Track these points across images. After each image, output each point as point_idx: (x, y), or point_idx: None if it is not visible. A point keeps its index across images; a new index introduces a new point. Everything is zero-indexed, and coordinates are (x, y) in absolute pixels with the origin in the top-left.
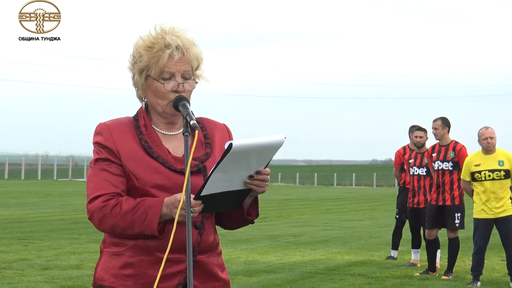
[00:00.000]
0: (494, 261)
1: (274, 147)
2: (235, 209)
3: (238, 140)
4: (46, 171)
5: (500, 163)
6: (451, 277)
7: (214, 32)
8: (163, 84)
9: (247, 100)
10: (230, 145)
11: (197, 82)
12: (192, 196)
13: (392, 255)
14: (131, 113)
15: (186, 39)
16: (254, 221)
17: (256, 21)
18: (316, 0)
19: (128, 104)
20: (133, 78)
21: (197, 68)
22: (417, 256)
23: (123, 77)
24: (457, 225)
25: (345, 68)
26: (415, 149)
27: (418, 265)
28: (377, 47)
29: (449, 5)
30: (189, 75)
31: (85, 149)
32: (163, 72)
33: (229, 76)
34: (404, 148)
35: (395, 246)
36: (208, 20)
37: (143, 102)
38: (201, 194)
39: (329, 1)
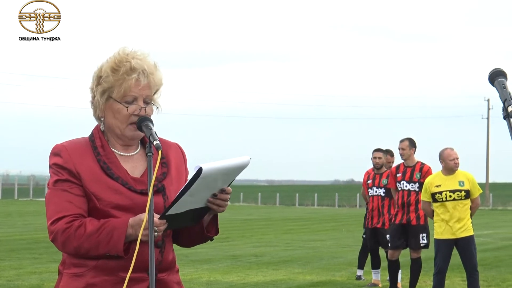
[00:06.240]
0: (455, 281)
1: (240, 168)
2: (195, 224)
3: (207, 164)
4: (7, 191)
5: (461, 183)
6: None
7: (176, 52)
8: (127, 107)
9: (207, 119)
10: (200, 169)
11: (157, 107)
12: (157, 215)
13: (359, 274)
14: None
15: (150, 63)
16: (214, 238)
17: (216, 41)
18: (276, 20)
19: (88, 124)
20: (93, 98)
21: (155, 93)
22: (378, 277)
23: (84, 96)
24: (422, 245)
25: (307, 88)
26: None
27: (380, 285)
28: (339, 68)
29: (413, 26)
30: (150, 99)
31: (47, 169)
32: (127, 96)
33: (188, 95)
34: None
35: (361, 266)
36: (170, 39)
37: (101, 122)
38: (166, 214)
39: (288, 22)
